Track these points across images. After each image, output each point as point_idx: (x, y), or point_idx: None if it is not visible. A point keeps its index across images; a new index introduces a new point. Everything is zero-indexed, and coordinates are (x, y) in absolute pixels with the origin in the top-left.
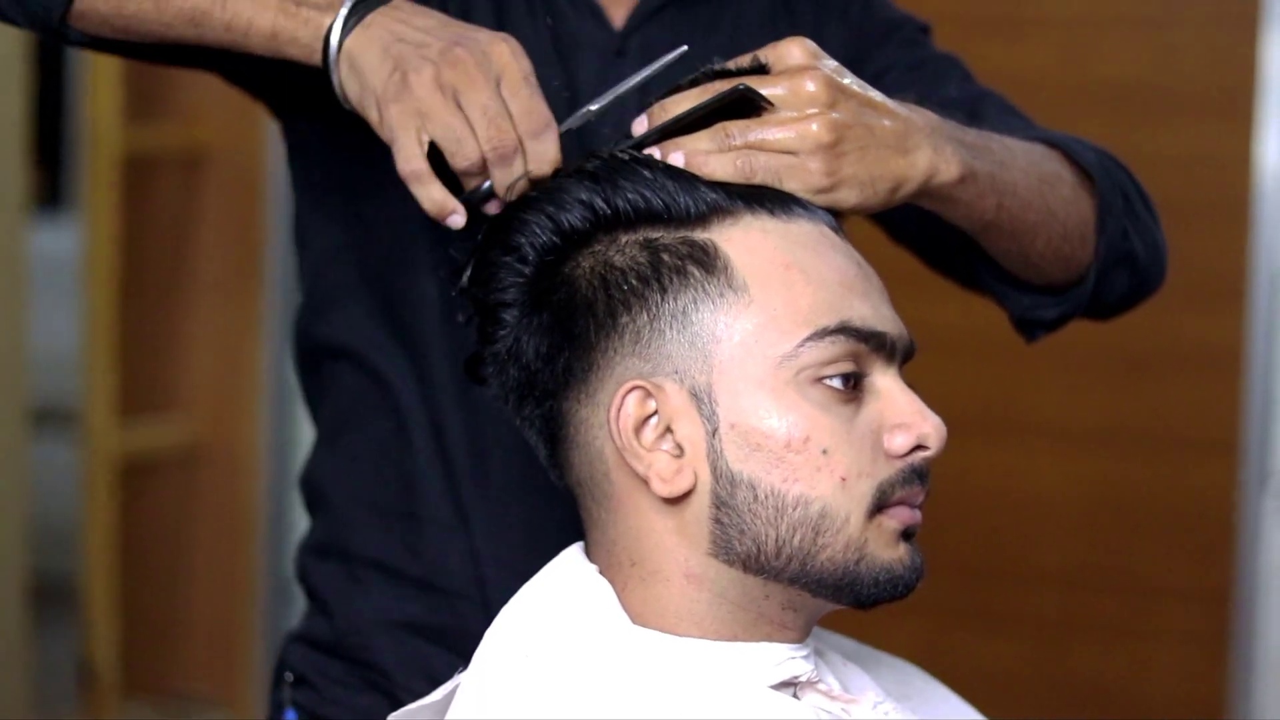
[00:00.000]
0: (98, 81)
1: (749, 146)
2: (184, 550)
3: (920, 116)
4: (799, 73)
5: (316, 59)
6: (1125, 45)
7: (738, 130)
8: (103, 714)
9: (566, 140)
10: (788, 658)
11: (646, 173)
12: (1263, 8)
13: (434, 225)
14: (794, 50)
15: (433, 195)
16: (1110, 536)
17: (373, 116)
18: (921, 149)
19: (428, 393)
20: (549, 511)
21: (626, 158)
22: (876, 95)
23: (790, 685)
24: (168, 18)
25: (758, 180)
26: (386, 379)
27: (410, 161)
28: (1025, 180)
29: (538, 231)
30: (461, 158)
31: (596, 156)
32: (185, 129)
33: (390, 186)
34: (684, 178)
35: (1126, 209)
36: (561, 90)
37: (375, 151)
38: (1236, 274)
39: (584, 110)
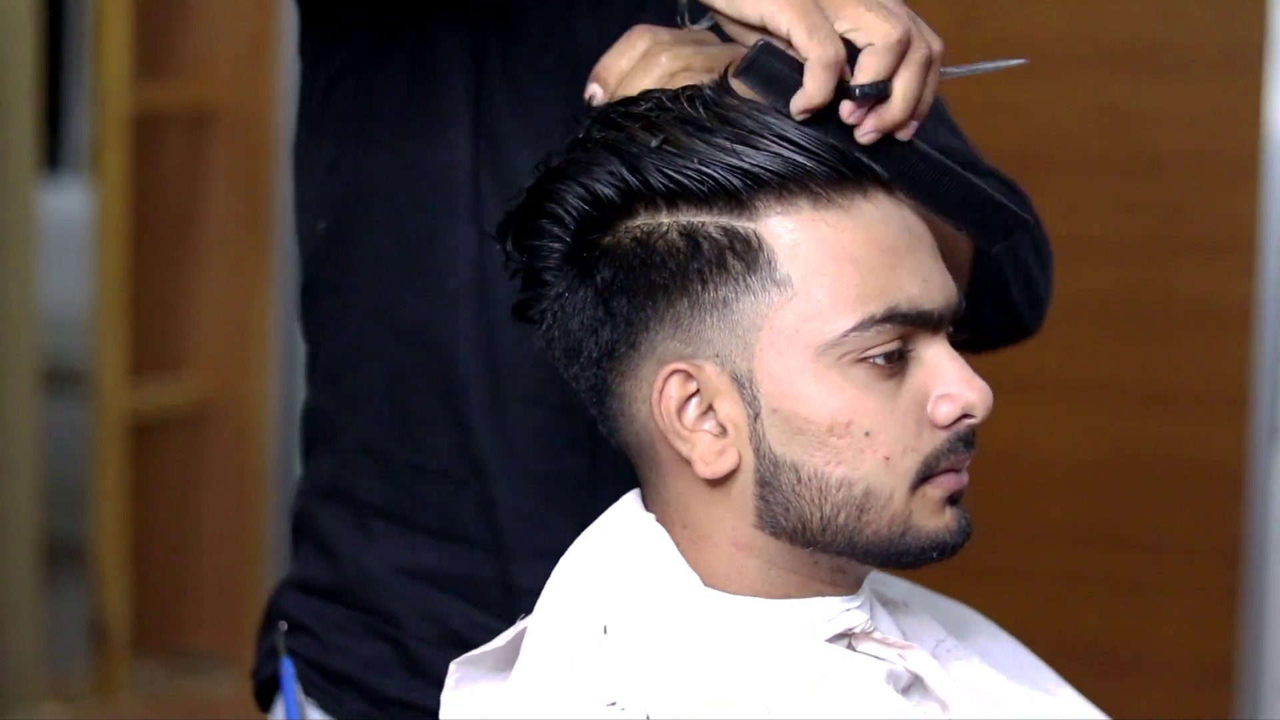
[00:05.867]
0: (106, 40)
1: None
2: (194, 509)
3: None
4: None
5: None
6: (1132, 2)
7: None
8: (114, 671)
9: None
10: (842, 611)
11: (694, 144)
12: None
13: (479, 174)
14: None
15: (829, 84)
16: (1118, 492)
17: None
18: None
19: (446, 340)
20: (568, 463)
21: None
22: None
23: (846, 636)
24: None
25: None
26: (397, 323)
27: (836, 46)
28: None
29: (572, 201)
30: (890, 34)
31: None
32: (193, 86)
33: (446, 127)
34: (730, 150)
35: (1031, 255)
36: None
37: (434, 89)
38: (1246, 229)
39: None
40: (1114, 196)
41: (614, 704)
